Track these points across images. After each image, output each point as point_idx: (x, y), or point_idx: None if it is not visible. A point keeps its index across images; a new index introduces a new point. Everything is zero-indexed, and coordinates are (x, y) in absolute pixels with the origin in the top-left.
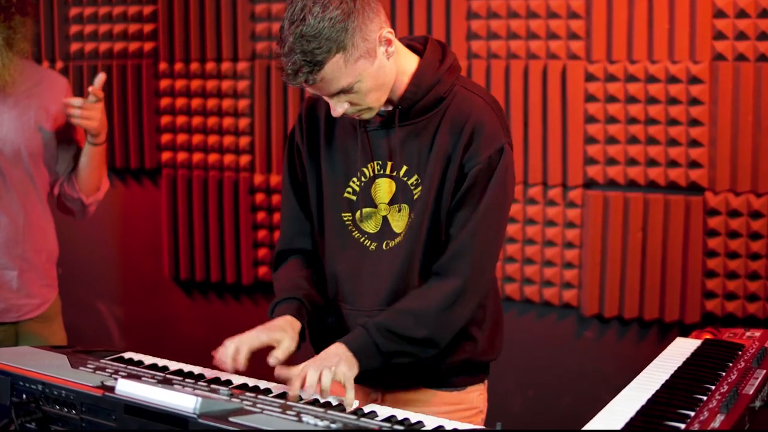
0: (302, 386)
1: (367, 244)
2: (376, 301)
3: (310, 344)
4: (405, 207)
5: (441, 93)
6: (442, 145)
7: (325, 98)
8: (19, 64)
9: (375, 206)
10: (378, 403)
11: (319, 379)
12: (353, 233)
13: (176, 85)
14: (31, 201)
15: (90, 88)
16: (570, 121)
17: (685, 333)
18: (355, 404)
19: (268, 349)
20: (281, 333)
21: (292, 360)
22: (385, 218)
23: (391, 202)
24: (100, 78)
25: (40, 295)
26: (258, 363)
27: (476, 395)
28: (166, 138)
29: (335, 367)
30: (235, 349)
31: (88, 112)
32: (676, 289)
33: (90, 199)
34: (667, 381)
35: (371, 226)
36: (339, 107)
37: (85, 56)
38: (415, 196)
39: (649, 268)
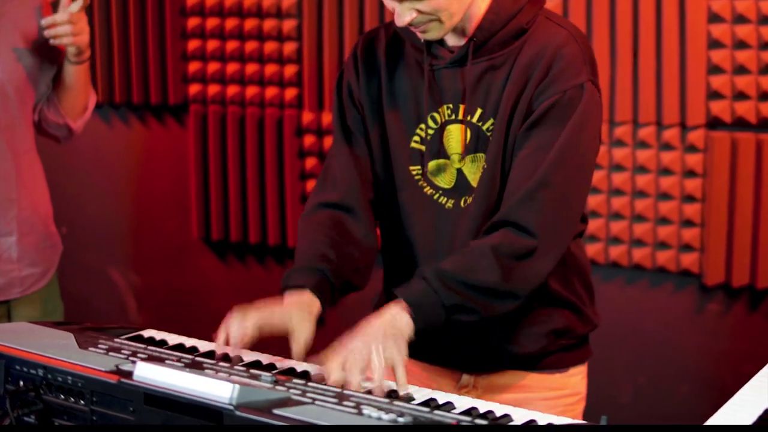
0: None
1: (443, 202)
2: None
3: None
4: (482, 157)
5: (522, 24)
6: (516, 82)
7: (392, 3)
8: None
9: (447, 157)
10: (467, 391)
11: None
12: (425, 189)
13: (207, 3)
14: (21, 147)
15: None
16: (689, 47)
17: None
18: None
19: None
20: (297, 317)
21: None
22: (459, 171)
23: (466, 152)
24: None
25: (43, 261)
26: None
27: (579, 378)
28: (194, 67)
29: (381, 349)
30: (243, 325)
31: (78, 26)
32: None
33: (78, 122)
34: None
35: (445, 181)
36: (406, 15)
37: None
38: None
39: None
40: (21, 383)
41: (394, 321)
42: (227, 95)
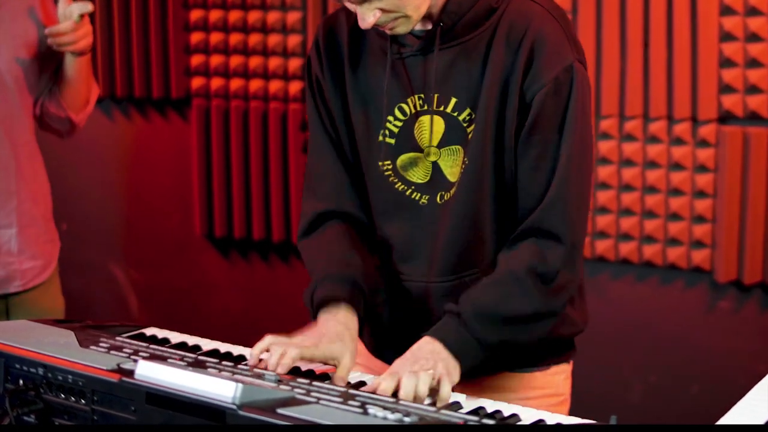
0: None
1: (416, 198)
2: (434, 268)
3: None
4: (458, 150)
5: (492, 2)
6: (497, 67)
7: (353, 6)
8: None
9: (420, 150)
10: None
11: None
12: (396, 185)
13: None
14: (20, 138)
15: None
16: (701, 40)
17: None
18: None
19: None
20: (339, 346)
21: None
22: (435, 164)
23: (440, 145)
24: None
25: (44, 254)
26: None
27: (561, 378)
28: (197, 60)
29: (432, 369)
30: (279, 355)
31: (81, 31)
32: None
33: (80, 115)
34: None
35: (418, 176)
36: (369, 16)
37: None
38: (470, 136)
39: None
40: (21, 382)
41: (444, 352)
42: (230, 89)
